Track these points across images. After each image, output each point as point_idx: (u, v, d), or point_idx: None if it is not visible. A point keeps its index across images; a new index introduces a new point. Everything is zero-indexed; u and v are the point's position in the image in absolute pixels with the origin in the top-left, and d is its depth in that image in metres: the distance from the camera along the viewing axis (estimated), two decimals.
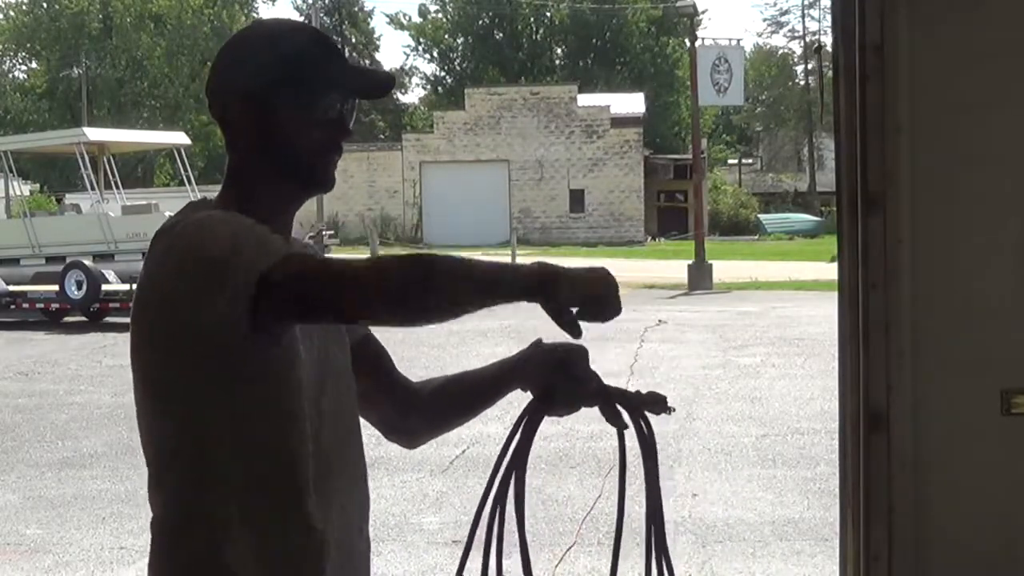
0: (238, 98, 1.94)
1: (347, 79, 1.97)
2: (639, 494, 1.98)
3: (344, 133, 1.97)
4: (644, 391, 2.04)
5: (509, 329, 17.46)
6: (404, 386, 2.20)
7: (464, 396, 2.19)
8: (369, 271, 1.76)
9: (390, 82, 2.01)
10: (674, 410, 2.03)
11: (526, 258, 32.14)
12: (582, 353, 2.08)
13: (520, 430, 1.99)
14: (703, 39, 37.14)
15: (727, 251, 35.43)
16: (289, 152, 1.94)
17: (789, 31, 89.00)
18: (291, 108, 1.92)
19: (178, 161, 24.30)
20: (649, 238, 47.09)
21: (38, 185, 48.26)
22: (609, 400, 2.00)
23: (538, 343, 2.12)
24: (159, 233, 1.89)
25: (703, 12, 68.11)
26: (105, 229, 21.73)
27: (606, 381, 2.05)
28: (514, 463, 1.97)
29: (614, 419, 1.99)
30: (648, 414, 2.01)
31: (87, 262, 20.85)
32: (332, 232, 35.33)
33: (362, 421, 2.13)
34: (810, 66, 62.16)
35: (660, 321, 18.37)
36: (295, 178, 1.96)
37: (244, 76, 1.93)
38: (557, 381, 2.03)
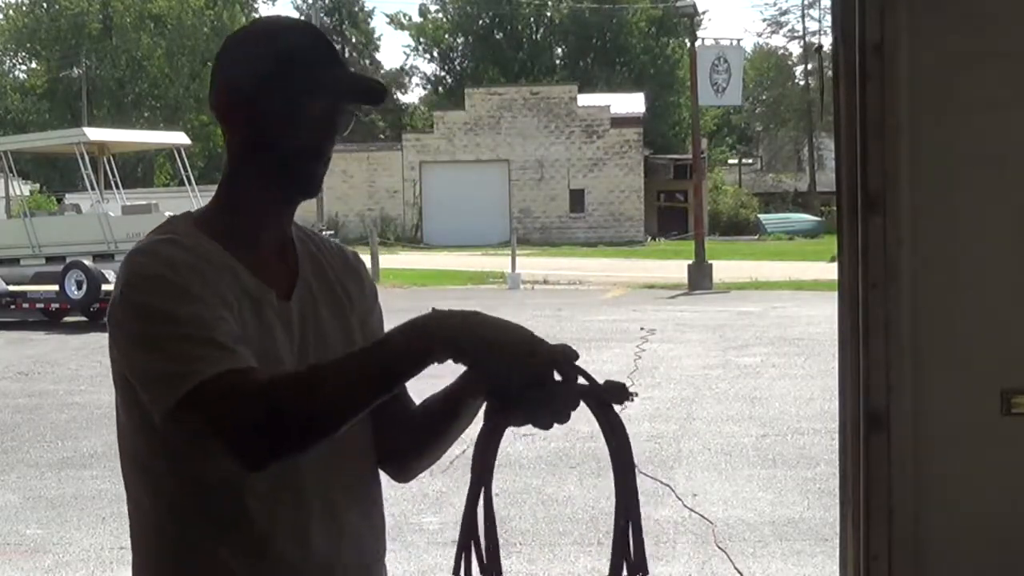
0: (230, 94, 1.92)
1: (337, 83, 1.91)
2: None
3: (328, 137, 1.91)
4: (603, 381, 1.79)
5: None
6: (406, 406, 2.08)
7: (437, 415, 2.04)
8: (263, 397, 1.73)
9: (381, 90, 1.93)
10: (636, 395, 1.79)
11: (526, 258, 32.19)
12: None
13: (485, 444, 1.79)
14: (703, 39, 37.14)
15: (727, 251, 35.42)
16: (272, 153, 1.90)
17: (789, 31, 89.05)
18: (276, 107, 1.88)
19: (178, 161, 24.29)
20: (649, 238, 47.10)
21: (38, 185, 48.27)
22: (577, 402, 1.76)
23: None
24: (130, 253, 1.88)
25: (703, 12, 68.23)
26: (105, 229, 21.70)
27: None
28: (482, 478, 1.78)
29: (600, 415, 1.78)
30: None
31: (87, 262, 20.82)
32: (333, 232, 35.32)
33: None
34: (810, 66, 62.18)
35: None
36: (277, 181, 1.91)
37: (237, 73, 1.92)
38: (530, 392, 1.76)
